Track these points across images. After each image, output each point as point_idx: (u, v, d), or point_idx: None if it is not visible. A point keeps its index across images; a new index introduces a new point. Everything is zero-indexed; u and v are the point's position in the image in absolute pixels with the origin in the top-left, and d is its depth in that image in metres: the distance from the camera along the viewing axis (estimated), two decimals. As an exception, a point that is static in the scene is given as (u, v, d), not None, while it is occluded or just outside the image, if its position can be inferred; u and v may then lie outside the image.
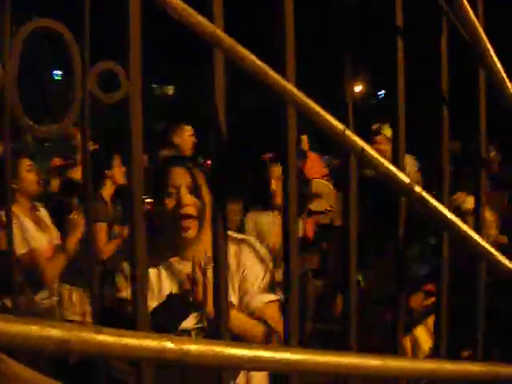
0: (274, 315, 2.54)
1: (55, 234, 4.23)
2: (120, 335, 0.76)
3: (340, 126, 1.25)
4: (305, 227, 4.96)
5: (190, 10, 1.21)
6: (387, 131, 5.89)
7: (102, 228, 4.70)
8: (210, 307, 2.27)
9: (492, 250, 1.29)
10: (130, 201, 1.21)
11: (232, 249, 2.58)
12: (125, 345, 0.76)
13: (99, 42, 1.28)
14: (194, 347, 0.79)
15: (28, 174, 4.17)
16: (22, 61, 1.07)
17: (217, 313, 1.27)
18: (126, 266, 2.58)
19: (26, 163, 4.19)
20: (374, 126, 5.87)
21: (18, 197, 4.11)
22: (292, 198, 1.42)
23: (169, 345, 0.78)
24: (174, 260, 2.63)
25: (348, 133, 1.25)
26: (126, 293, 2.48)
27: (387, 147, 5.63)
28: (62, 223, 4.26)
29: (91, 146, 5.93)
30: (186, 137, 6.00)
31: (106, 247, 4.74)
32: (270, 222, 4.62)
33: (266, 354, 0.87)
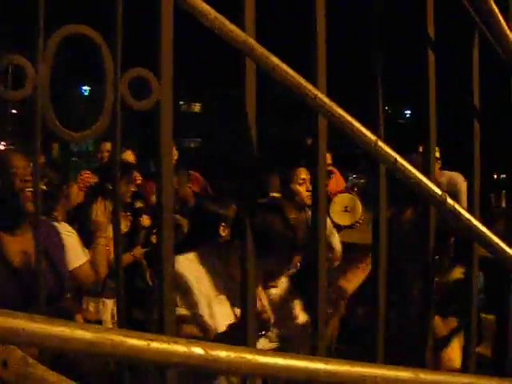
0: None
1: None
2: (150, 339, 0.74)
3: (372, 136, 1.24)
4: None
5: (222, 19, 1.20)
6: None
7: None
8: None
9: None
10: (159, 208, 1.20)
11: None
12: (155, 349, 0.74)
13: (129, 50, 1.27)
14: (224, 354, 0.77)
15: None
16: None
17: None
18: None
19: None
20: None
21: (61, 210, 4.12)
22: (321, 210, 1.41)
23: (198, 350, 0.76)
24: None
25: (380, 143, 1.23)
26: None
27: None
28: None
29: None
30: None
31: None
32: None
33: (299, 364, 0.85)
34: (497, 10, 1.55)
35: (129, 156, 5.89)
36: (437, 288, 1.66)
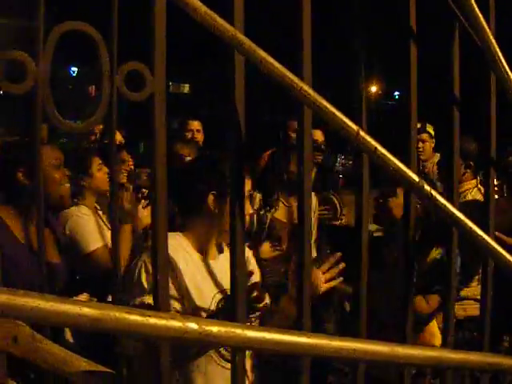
0: None
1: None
2: (148, 315, 0.82)
3: (354, 126, 1.31)
4: None
5: (212, 13, 1.27)
6: (430, 128, 6.00)
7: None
8: None
9: (498, 247, 1.35)
10: (153, 198, 1.27)
11: None
12: (153, 324, 0.82)
13: (122, 44, 1.34)
14: (215, 328, 0.85)
15: (99, 173, 4.17)
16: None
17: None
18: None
19: (97, 161, 4.19)
20: (418, 124, 5.92)
21: (86, 195, 4.11)
22: (307, 198, 1.48)
23: (192, 325, 0.84)
24: None
25: (362, 133, 1.31)
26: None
27: (430, 144, 5.99)
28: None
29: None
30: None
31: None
32: None
33: (285, 337, 0.93)
34: (474, 4, 1.62)
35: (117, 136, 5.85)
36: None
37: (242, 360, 1.25)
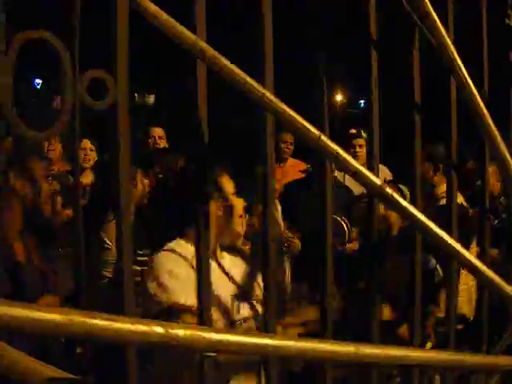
0: None
1: None
2: (112, 320, 0.82)
3: (315, 131, 1.33)
4: None
5: (174, 22, 1.27)
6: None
7: None
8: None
9: (462, 249, 1.37)
10: (117, 206, 1.26)
11: None
12: (116, 329, 0.82)
13: (86, 51, 1.33)
14: (181, 332, 0.86)
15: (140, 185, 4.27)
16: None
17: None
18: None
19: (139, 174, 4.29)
20: (353, 130, 6.07)
21: None
22: (270, 202, 1.49)
23: (158, 329, 0.84)
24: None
25: (323, 138, 1.33)
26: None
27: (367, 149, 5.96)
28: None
29: None
30: None
31: None
32: None
33: (249, 340, 0.94)
34: (432, 10, 1.65)
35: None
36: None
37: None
